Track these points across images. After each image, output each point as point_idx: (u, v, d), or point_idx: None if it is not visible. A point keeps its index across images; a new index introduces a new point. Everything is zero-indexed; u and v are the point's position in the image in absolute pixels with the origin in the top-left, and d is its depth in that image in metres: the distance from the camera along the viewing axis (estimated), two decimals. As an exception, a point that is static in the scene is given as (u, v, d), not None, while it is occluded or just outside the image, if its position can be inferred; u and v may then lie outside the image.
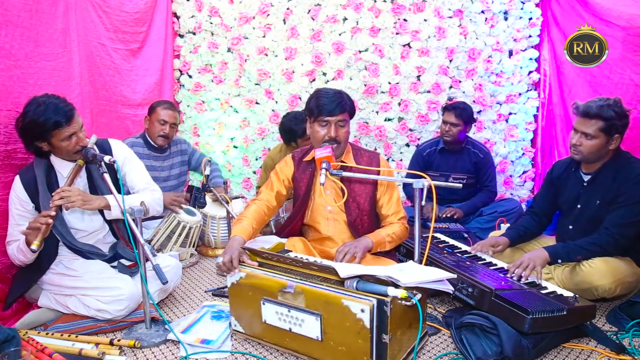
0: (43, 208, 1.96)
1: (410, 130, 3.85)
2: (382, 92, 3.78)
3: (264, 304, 1.73)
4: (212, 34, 3.90)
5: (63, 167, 2.06)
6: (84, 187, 2.12)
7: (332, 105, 2.04)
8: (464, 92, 3.78)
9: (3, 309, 2.05)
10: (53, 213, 1.86)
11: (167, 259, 2.26)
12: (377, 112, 3.83)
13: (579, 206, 2.22)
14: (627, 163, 2.09)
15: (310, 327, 1.64)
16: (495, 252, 2.32)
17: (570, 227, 2.27)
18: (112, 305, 1.98)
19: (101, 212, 2.12)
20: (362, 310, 1.50)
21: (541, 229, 2.48)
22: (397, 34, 3.73)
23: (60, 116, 1.90)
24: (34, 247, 1.81)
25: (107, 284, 2.01)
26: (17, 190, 1.99)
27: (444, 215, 3.11)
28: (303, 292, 1.63)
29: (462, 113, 3.08)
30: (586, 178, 2.20)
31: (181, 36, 3.96)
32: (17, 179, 2.00)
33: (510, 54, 3.81)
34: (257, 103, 3.94)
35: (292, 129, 3.20)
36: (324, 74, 3.80)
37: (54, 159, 2.06)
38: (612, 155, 2.12)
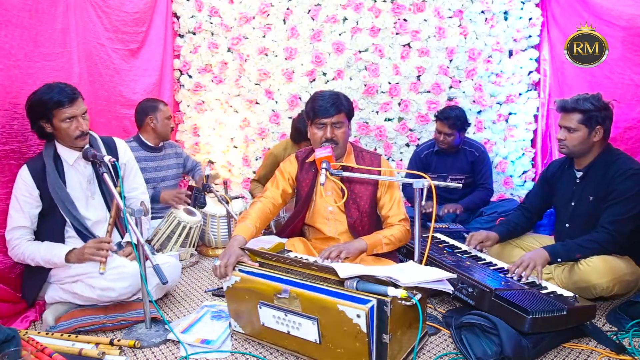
0: (52, 192, 2.04)
1: (410, 130, 3.85)
2: (382, 92, 3.78)
3: (260, 307, 1.72)
4: (212, 34, 3.90)
5: (68, 156, 2.11)
6: (88, 181, 2.16)
7: (327, 106, 2.04)
8: (464, 92, 3.79)
9: (26, 307, 2.14)
10: (114, 248, 2.05)
11: (165, 257, 2.28)
12: (377, 112, 3.83)
13: (572, 203, 2.24)
14: (616, 159, 2.12)
15: (307, 330, 1.63)
16: (483, 247, 2.34)
17: (567, 225, 2.28)
18: (117, 283, 2.01)
19: (107, 204, 2.20)
20: (358, 316, 1.48)
21: (530, 225, 2.51)
22: (397, 34, 3.73)
23: (62, 96, 1.99)
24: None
25: (111, 264, 2.04)
26: (24, 177, 2.04)
27: (443, 212, 3.10)
28: (298, 297, 1.62)
29: (455, 123, 3.07)
30: (578, 175, 2.22)
31: (181, 36, 3.96)
32: (25, 167, 2.06)
33: (510, 54, 3.81)
34: (257, 103, 3.94)
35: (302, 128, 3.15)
36: (324, 74, 3.80)
37: (60, 148, 2.11)
38: (601, 151, 2.15)
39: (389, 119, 3.85)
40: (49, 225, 2.09)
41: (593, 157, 2.16)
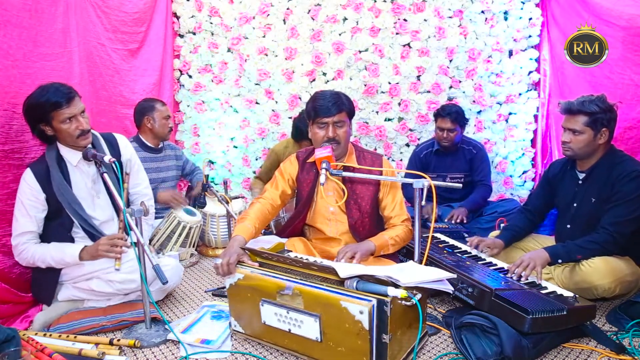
0: (58, 194, 2.02)
1: (410, 130, 3.85)
2: (382, 92, 3.78)
3: (262, 305, 1.72)
4: (212, 34, 3.90)
5: (72, 157, 2.10)
6: (93, 181, 2.15)
7: (329, 105, 2.04)
8: (464, 92, 3.78)
9: (29, 307, 2.13)
10: (129, 244, 1.96)
11: (168, 259, 2.27)
12: (377, 112, 3.83)
13: (575, 205, 2.23)
14: (620, 160, 2.11)
15: (309, 328, 1.63)
16: (491, 254, 2.32)
17: (568, 226, 2.27)
18: (135, 274, 2.02)
19: (113, 204, 2.19)
20: (361, 312, 1.49)
21: (533, 227, 2.50)
22: (397, 34, 3.73)
23: (59, 97, 1.95)
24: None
25: (125, 258, 2.04)
26: (29, 181, 2.01)
27: (448, 219, 3.07)
28: (301, 293, 1.63)
29: (457, 118, 3.10)
30: (581, 176, 2.21)
31: (181, 36, 3.96)
32: (29, 170, 2.04)
33: (510, 54, 3.81)
34: (257, 103, 3.94)
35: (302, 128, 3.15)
36: (324, 74, 3.80)
37: (62, 149, 2.09)
38: (604, 153, 2.14)
39: (389, 119, 3.85)
40: (56, 228, 2.08)
41: (596, 158, 2.15)
